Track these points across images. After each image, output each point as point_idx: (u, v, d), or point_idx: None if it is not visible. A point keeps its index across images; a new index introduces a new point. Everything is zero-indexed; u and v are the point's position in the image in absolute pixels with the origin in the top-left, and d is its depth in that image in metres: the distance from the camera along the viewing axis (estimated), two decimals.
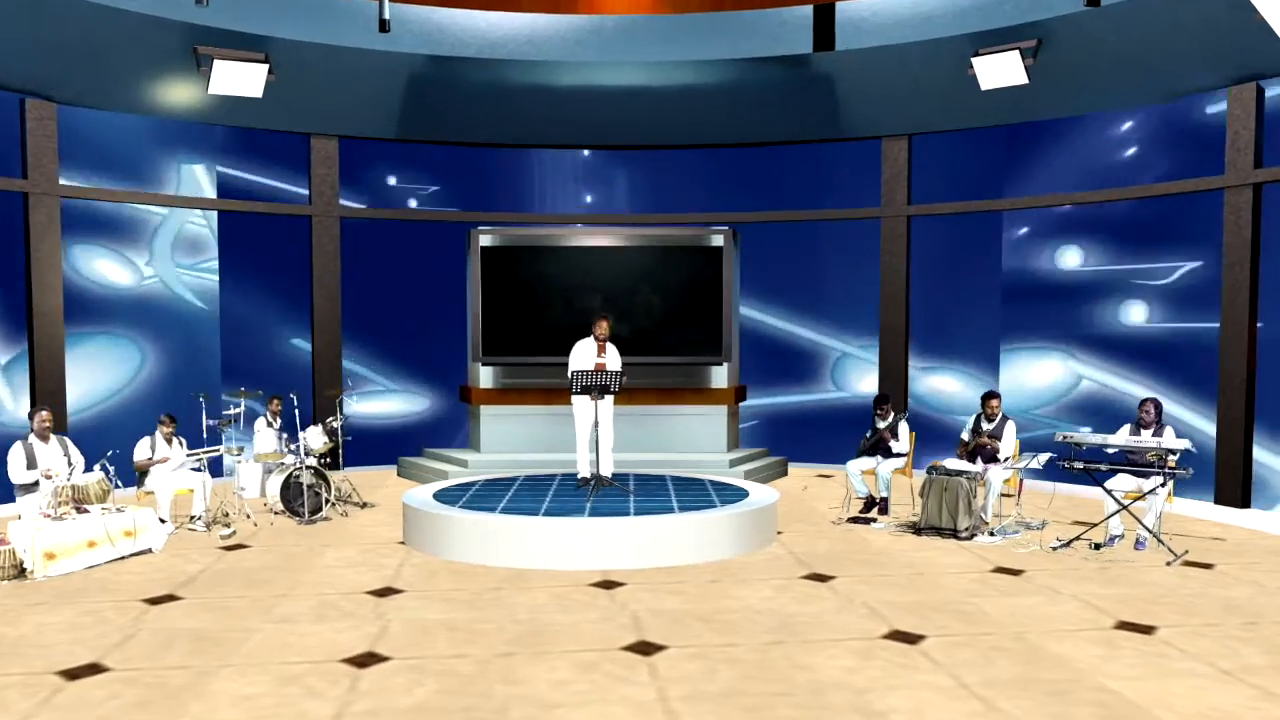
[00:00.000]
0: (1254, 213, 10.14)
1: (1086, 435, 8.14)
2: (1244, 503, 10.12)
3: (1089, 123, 11.18)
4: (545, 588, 7.13)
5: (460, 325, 12.36)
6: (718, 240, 11.84)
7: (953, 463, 8.91)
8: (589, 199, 13.14)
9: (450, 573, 7.55)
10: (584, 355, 9.49)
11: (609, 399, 9.33)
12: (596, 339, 9.45)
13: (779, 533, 8.74)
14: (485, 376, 12.07)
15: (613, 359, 9.46)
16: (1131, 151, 10.97)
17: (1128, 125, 10.97)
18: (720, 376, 12.06)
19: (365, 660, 5.69)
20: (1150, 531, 7.99)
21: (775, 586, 7.09)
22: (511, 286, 11.78)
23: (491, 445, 11.90)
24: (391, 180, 12.84)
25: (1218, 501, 10.17)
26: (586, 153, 13.00)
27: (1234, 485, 10.18)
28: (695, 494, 8.95)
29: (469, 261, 11.95)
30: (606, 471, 9.40)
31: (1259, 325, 10.10)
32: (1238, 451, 10.18)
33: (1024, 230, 11.73)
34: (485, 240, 11.84)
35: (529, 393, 11.53)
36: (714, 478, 9.99)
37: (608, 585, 7.19)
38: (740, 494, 8.93)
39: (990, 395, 9.09)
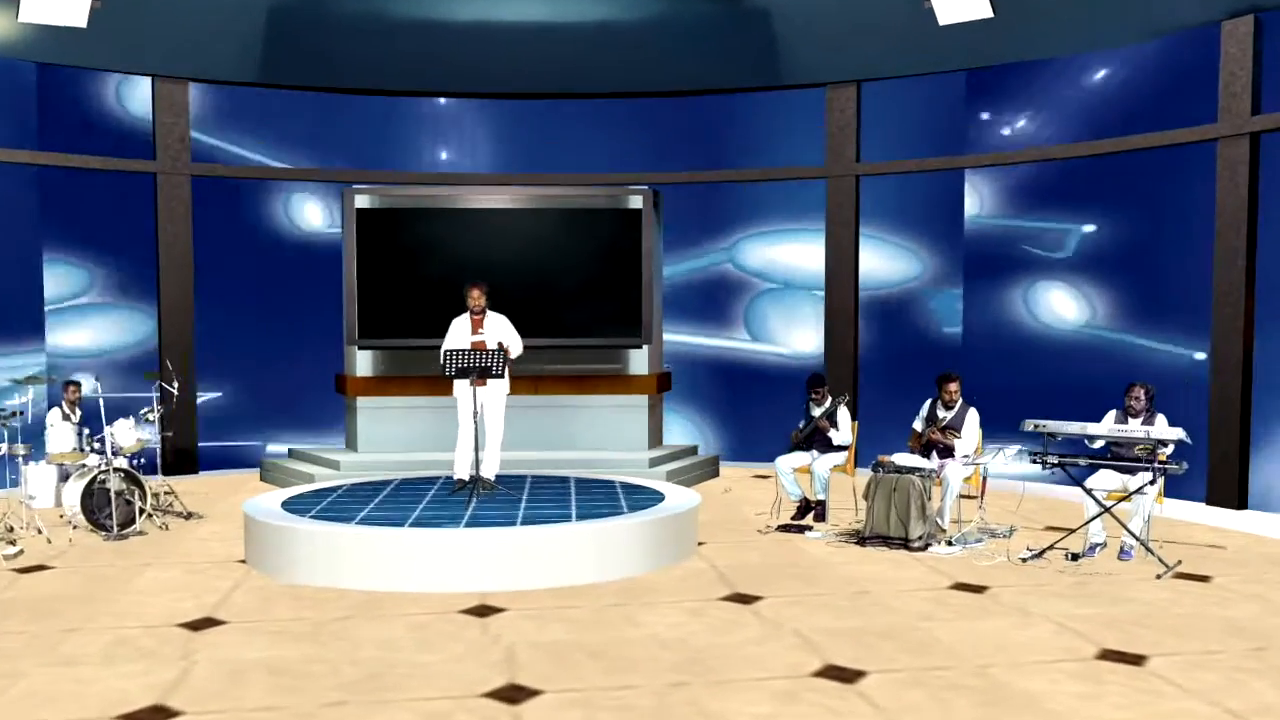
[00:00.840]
0: (1251, 167, 9.84)
1: (1062, 424, 7.67)
2: (1240, 503, 9.91)
3: (1062, 66, 11.05)
4: (405, 616, 6.49)
5: (335, 303, 11.71)
6: (636, 202, 11.45)
7: (903, 458, 8.45)
8: (486, 155, 12.82)
9: (292, 599, 6.89)
10: (458, 333, 8.92)
11: (497, 385, 8.78)
12: (472, 312, 8.89)
13: (700, 544, 8.31)
14: (363, 363, 11.52)
15: (496, 334, 8.84)
16: (1111, 98, 10.79)
17: (1106, 69, 10.81)
18: (640, 361, 11.67)
19: (147, 717, 4.89)
20: (1137, 539, 7.65)
21: (689, 610, 6.55)
22: (393, 256, 11.29)
23: (370, 443, 11.33)
24: (253, 132, 12.31)
25: (1210, 502, 9.97)
26: (483, 101, 12.71)
27: (1229, 483, 9.96)
28: (600, 499, 8.45)
29: (343, 227, 11.38)
30: (490, 473, 8.86)
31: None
32: (1233, 443, 9.93)
33: (990, 190, 11.57)
34: (362, 202, 11.33)
35: (414, 381, 10.94)
36: (628, 479, 9.57)
37: (482, 612, 6.59)
38: (654, 498, 8.46)
39: (947, 377, 8.68)
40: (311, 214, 12.45)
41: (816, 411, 9.15)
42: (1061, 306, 11.18)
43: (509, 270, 11.12)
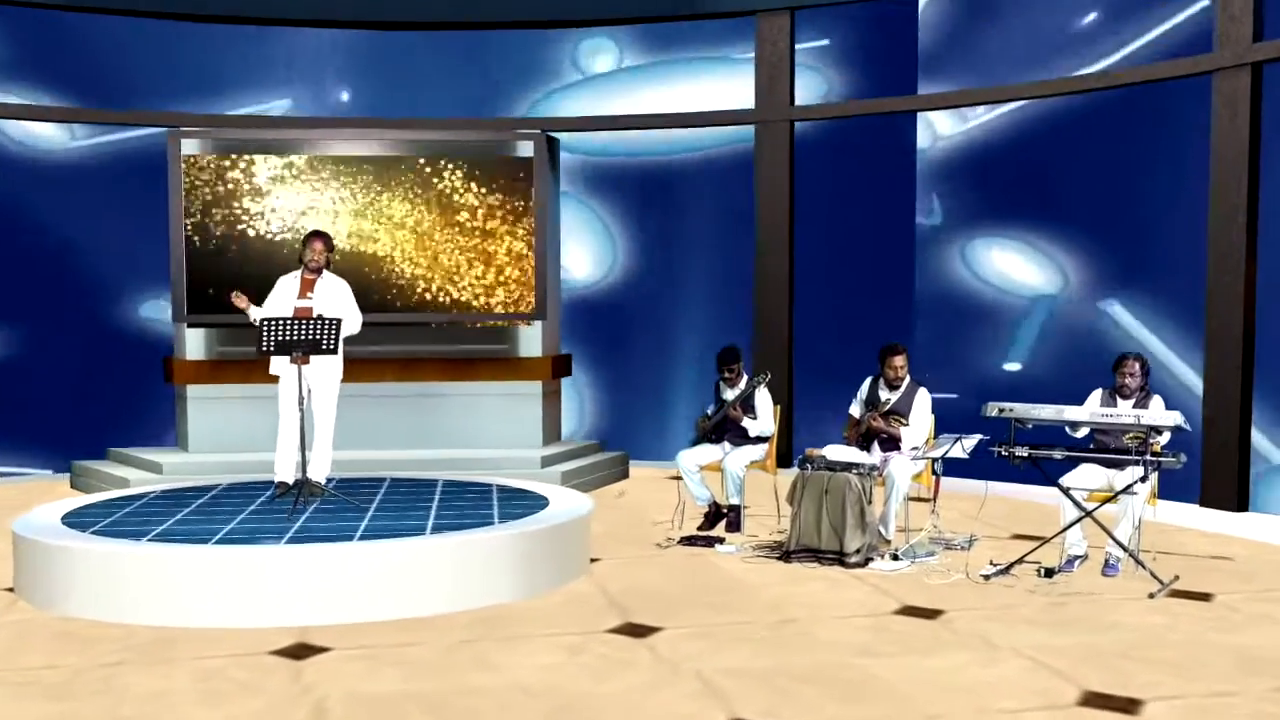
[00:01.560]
0: (1253, 104, 9.48)
1: (1033, 408, 7.32)
2: (1240, 504, 9.62)
3: None
4: (196, 660, 5.74)
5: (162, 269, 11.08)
6: (526, 149, 10.86)
7: (836, 452, 8.03)
8: (345, 95, 12.34)
9: (57, 637, 6.12)
10: (281, 295, 8.19)
11: (326, 365, 8.05)
12: (307, 268, 8.18)
13: (593, 561, 7.79)
14: (193, 344, 10.77)
15: (329, 299, 8.14)
16: (1089, 28, 10.62)
17: None
18: (532, 341, 11.14)
19: None
20: (1125, 549, 7.27)
21: (566, 646, 5.94)
22: (229, 214, 10.59)
23: (202, 441, 10.61)
24: (47, 62, 11.60)
25: (1204, 503, 9.72)
26: (341, 31, 12.17)
27: (1227, 480, 9.66)
28: (468, 506, 7.83)
29: (169, 178, 10.61)
30: (319, 474, 8.16)
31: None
32: (1232, 432, 9.62)
33: (949, 135, 11.43)
34: (190, 148, 10.56)
35: (259, 366, 9.88)
36: (512, 481, 9.04)
37: (298, 653, 5.86)
38: (535, 505, 7.86)
39: (891, 349, 8.32)
40: (130, 168, 11.70)
41: (729, 394, 8.75)
42: (1024, 270, 11.05)
43: (371, 230, 10.64)
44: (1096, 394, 7.68)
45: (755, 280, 12.04)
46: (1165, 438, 7.08)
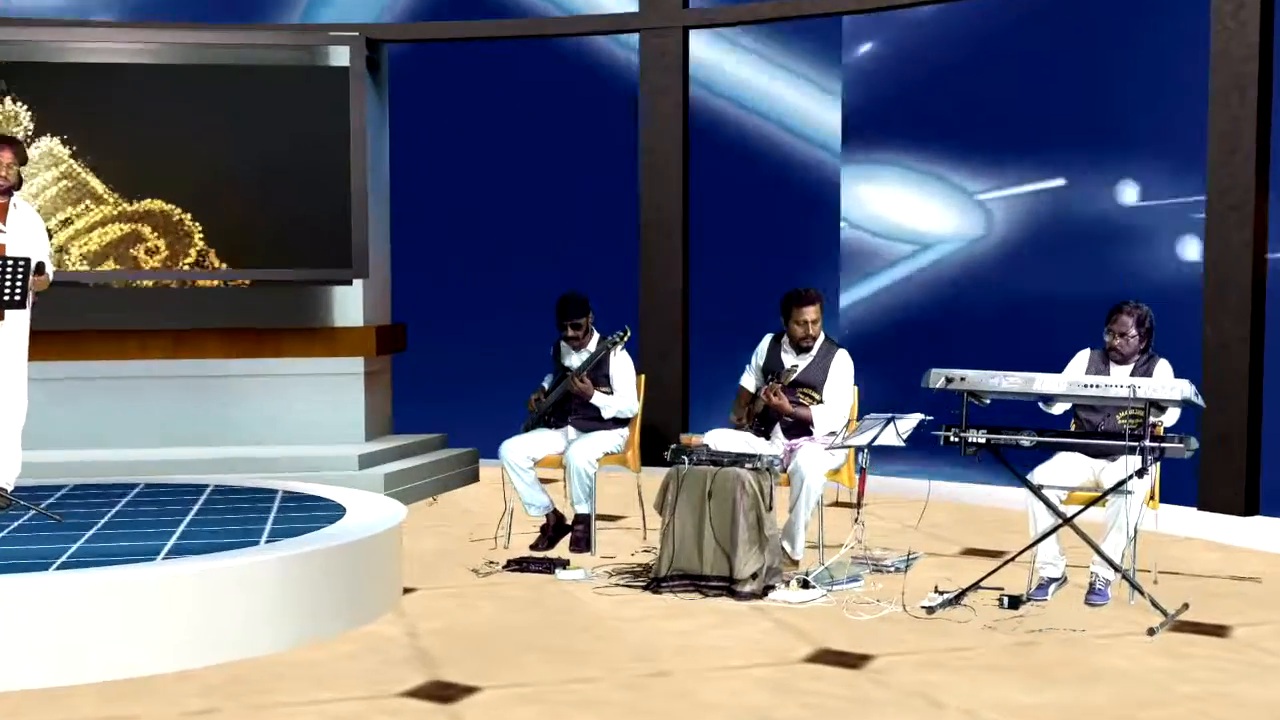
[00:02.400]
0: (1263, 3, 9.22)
1: (993, 376, 6.85)
2: (1249, 507, 9.35)
3: None
4: None
5: None
6: (340, 57, 10.54)
7: (724, 438, 7.56)
8: None
9: None
10: None
11: (15, 323, 7.43)
12: None
13: (407, 591, 7.21)
14: None
15: (23, 234, 7.51)
16: None
17: None
18: (350, 306, 10.75)
19: None
20: (1117, 568, 6.86)
21: None
22: None
23: None
24: None
25: (1203, 506, 9.47)
26: None
27: (1232, 476, 9.37)
28: (237, 520, 7.17)
29: None
30: (8, 476, 7.51)
31: None
32: (1238, 417, 9.32)
33: (873, 46, 11.34)
34: None
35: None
36: (312, 487, 8.47)
37: None
38: (329, 515, 7.20)
39: (800, 298, 7.84)
40: None
41: (573, 359, 8.24)
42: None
43: (138, 161, 10.26)
44: (1082, 356, 7.30)
45: (641, 222, 11.92)
46: (1171, 417, 6.73)
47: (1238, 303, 9.37)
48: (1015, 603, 6.78)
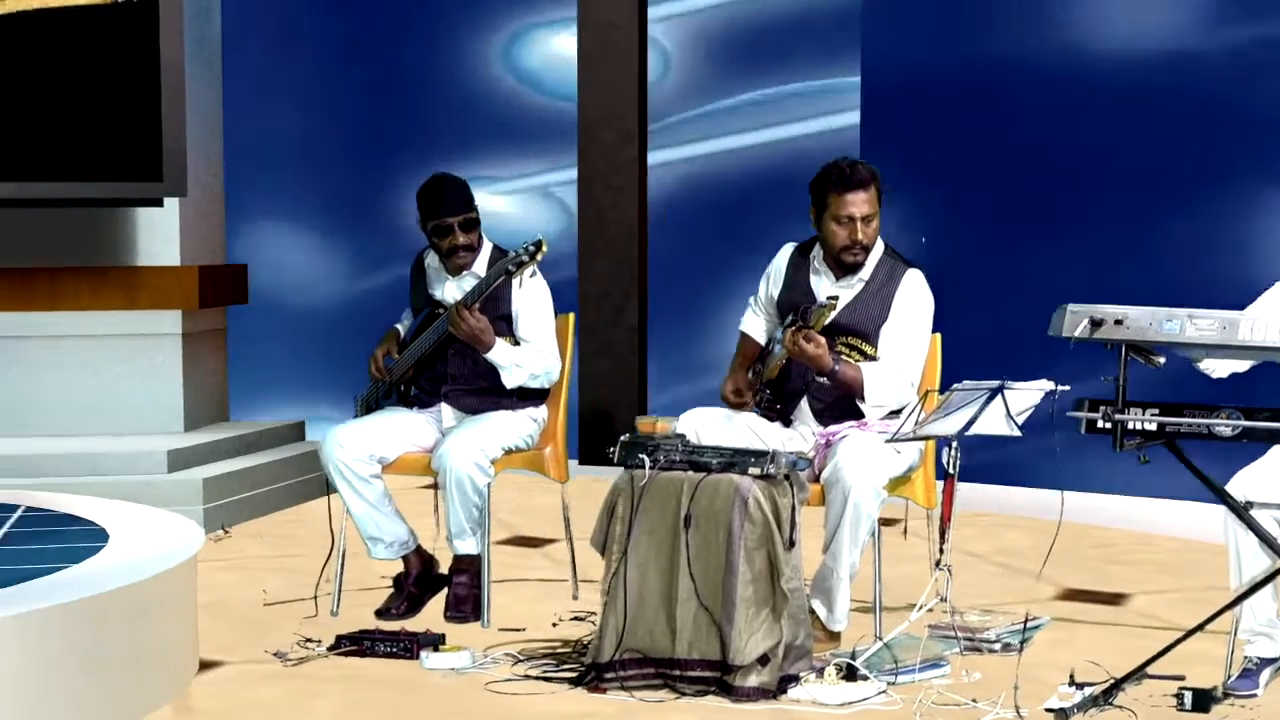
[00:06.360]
0: None
1: (1169, 318, 5.01)
2: None
3: None
4: None
5: None
6: None
7: (710, 424, 5.90)
8: None
9: None
10: None
11: None
12: None
13: (204, 667, 5.74)
14: None
15: None
16: None
17: None
18: (161, 238, 9.14)
19: None
20: None
21: None
22: None
23: None
24: None
25: None
26: None
27: None
28: None
29: None
30: None
31: None
32: None
33: None
34: None
35: None
36: (74, 498, 6.86)
37: None
38: (81, 548, 5.71)
39: (843, 177, 5.89)
40: None
41: (448, 289, 6.45)
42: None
43: None
44: (1274, 290, 5.47)
45: (580, 122, 10.81)
46: None
47: None
48: (1205, 701, 5.02)
